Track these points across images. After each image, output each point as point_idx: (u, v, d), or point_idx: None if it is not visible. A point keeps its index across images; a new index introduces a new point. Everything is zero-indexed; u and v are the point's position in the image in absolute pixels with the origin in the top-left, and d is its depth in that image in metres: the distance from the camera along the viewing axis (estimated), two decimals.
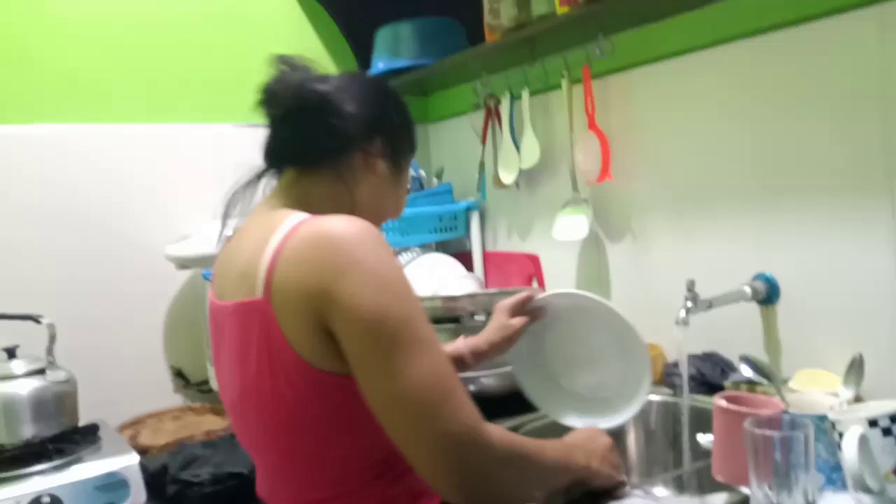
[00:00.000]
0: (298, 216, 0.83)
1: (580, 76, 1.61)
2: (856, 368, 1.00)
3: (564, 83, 1.65)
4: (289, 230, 0.80)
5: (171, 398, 1.79)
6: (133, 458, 1.31)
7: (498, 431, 0.77)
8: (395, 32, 1.91)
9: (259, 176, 0.97)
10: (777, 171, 1.32)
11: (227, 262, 0.91)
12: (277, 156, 0.95)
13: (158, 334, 1.79)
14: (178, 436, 1.49)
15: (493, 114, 1.88)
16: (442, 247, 2.05)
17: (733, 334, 1.37)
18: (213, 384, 1.73)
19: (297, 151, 0.92)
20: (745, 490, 0.90)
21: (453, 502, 0.76)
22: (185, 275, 1.80)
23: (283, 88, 0.91)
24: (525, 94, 1.77)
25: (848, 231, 1.22)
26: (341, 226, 0.78)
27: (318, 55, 1.30)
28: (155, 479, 1.31)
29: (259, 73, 0.93)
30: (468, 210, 1.99)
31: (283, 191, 0.93)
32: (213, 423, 1.59)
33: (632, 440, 1.36)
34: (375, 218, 0.94)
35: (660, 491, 1.21)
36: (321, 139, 0.90)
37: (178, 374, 1.79)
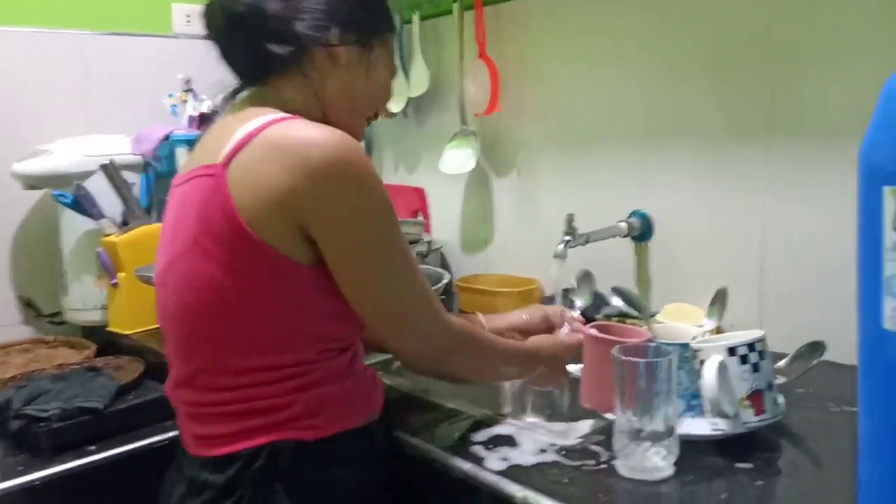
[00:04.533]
0: (279, 114, 0.83)
1: (472, 2, 1.55)
2: (720, 300, 1.03)
3: (456, 8, 1.59)
4: (271, 120, 0.80)
5: (20, 330, 1.64)
6: None
7: (460, 321, 0.90)
8: None
9: (234, 92, 0.93)
10: (661, 113, 1.33)
11: (196, 148, 0.91)
12: (235, 72, 0.92)
13: (3, 261, 1.62)
14: (26, 369, 1.37)
15: None
16: None
17: (609, 270, 1.39)
18: (68, 315, 1.60)
19: (248, 69, 0.90)
20: (609, 416, 0.92)
21: (416, 369, 0.92)
22: (34, 197, 1.63)
23: (213, 10, 0.88)
24: (415, 18, 1.70)
25: (723, 176, 1.26)
26: (325, 136, 0.78)
27: None
28: None
29: None
30: None
31: (255, 95, 0.90)
32: (67, 357, 1.47)
33: None
34: (354, 114, 0.92)
35: (531, 418, 1.23)
36: (265, 54, 0.86)
37: (28, 304, 1.64)
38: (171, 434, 1.16)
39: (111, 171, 1.46)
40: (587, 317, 1.30)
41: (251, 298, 0.80)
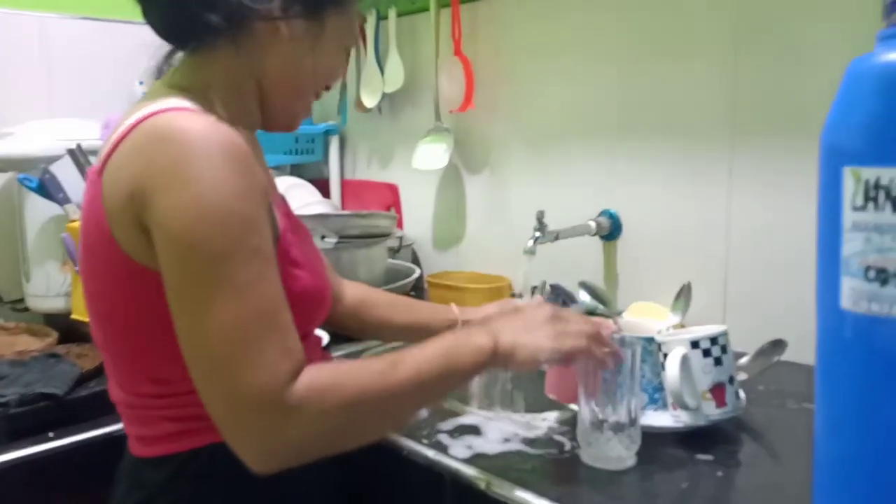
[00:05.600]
0: (169, 102, 0.71)
1: (449, 0, 1.56)
2: (684, 295, 1.05)
3: (433, 5, 1.59)
4: (149, 113, 0.69)
5: None
6: None
7: (317, 384, 0.64)
8: None
9: (167, 57, 0.82)
10: (632, 113, 1.35)
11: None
12: (160, 35, 0.79)
13: None
14: None
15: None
16: (297, 171, 1.95)
17: (577, 268, 1.41)
18: (31, 302, 1.56)
19: (172, 34, 0.78)
20: (574, 407, 0.93)
21: (257, 470, 0.65)
22: None
23: None
24: (392, 14, 1.70)
25: (689, 174, 1.28)
26: (191, 129, 0.66)
27: None
28: None
29: None
30: (327, 133, 1.91)
31: (179, 69, 0.79)
32: (27, 344, 1.43)
33: None
34: (297, 95, 0.81)
35: (497, 411, 1.23)
36: (192, 20, 0.74)
37: None
38: None
39: (79, 155, 1.43)
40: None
41: (142, 316, 0.72)
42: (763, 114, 1.18)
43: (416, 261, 1.76)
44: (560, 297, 1.40)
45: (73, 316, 1.50)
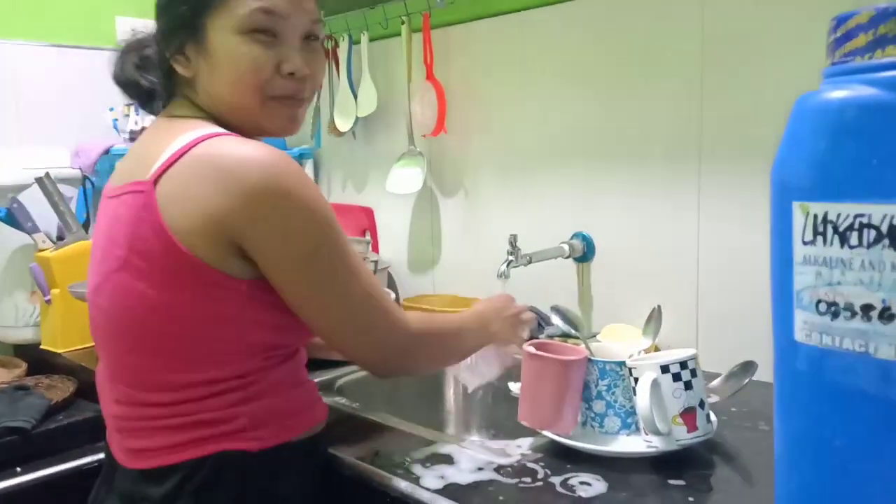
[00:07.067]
0: (211, 127, 0.82)
1: (420, 24, 1.57)
2: (654, 319, 1.05)
3: (404, 30, 1.60)
4: (202, 136, 0.79)
5: None
6: None
7: (416, 317, 0.90)
8: None
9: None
10: (604, 136, 1.36)
11: (126, 160, 0.91)
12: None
13: None
14: None
15: (330, 57, 1.80)
16: None
17: (552, 290, 1.41)
18: (2, 333, 1.54)
19: (142, 100, 0.95)
20: (547, 434, 0.92)
21: (379, 374, 0.91)
22: None
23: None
24: (364, 39, 1.70)
25: (660, 196, 1.29)
26: (264, 155, 0.77)
27: None
28: None
29: None
30: (301, 157, 1.90)
31: (181, 103, 0.89)
32: None
33: (451, 392, 1.37)
34: (239, 103, 0.84)
35: (475, 438, 1.23)
36: (147, 91, 0.93)
37: None
38: (101, 455, 1.12)
39: (47, 184, 1.42)
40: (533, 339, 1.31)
41: (187, 315, 0.78)
42: (729, 137, 1.19)
43: (391, 284, 1.76)
44: (535, 319, 1.40)
45: (43, 346, 1.48)
